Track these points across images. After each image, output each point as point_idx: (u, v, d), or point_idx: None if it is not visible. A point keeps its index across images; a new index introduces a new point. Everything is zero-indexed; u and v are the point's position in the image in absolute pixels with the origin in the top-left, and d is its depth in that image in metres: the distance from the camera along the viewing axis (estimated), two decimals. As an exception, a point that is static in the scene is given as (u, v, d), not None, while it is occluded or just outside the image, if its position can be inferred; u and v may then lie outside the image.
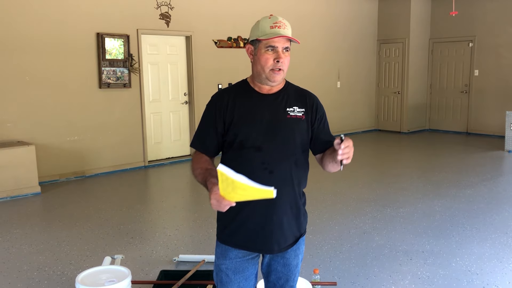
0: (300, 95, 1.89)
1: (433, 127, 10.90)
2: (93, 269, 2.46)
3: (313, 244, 3.94)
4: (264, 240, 1.83)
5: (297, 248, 1.94)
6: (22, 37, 5.87)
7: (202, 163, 1.81)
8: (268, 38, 1.74)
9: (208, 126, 1.85)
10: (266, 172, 1.78)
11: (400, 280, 3.27)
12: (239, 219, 1.82)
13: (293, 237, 1.90)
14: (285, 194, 1.81)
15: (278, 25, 1.76)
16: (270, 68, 1.77)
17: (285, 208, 1.84)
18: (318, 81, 9.47)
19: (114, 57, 6.62)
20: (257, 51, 1.79)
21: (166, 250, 3.89)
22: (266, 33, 1.76)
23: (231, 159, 1.81)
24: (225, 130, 1.82)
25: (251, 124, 1.79)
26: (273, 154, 1.79)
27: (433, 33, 10.61)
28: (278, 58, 1.75)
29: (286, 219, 1.85)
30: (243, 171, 1.75)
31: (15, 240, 4.15)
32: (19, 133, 5.94)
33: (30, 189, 5.62)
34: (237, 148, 1.79)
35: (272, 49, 1.76)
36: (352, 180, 6.23)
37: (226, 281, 1.88)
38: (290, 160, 1.82)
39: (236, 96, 1.85)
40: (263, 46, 1.77)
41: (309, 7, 9.20)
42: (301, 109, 1.85)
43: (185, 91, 7.67)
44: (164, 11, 7.13)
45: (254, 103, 1.83)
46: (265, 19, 1.80)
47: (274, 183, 1.76)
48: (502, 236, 4.10)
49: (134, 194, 5.79)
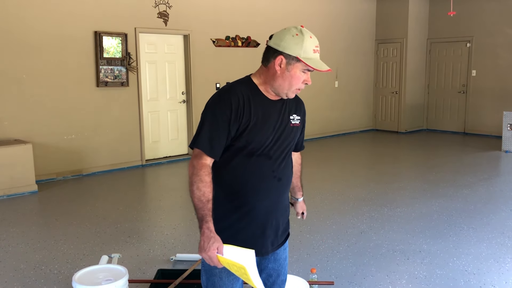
0: (296, 102, 1.88)
1: (430, 127, 10.92)
2: (90, 268, 2.45)
3: (311, 243, 3.94)
4: (261, 244, 1.83)
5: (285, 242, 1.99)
6: (19, 35, 5.85)
7: (206, 186, 1.63)
8: (314, 68, 1.66)
9: (221, 126, 1.66)
10: (275, 180, 1.79)
11: (397, 280, 3.28)
12: (239, 225, 1.79)
13: (284, 235, 1.94)
14: (285, 198, 1.88)
15: (318, 50, 1.71)
16: (297, 88, 1.73)
17: (282, 211, 1.88)
18: (315, 80, 9.44)
19: (112, 56, 6.60)
20: (291, 67, 1.68)
21: (163, 249, 3.88)
22: (310, 58, 1.68)
23: (240, 166, 1.74)
24: (237, 135, 1.69)
25: (266, 132, 1.73)
26: (280, 162, 1.80)
27: (431, 33, 10.63)
28: (308, 81, 1.73)
29: (282, 221, 1.89)
30: (254, 179, 1.76)
31: (12, 239, 4.14)
32: (16, 132, 5.92)
33: (27, 187, 5.60)
34: (247, 155, 1.72)
35: (306, 71, 1.72)
36: (350, 180, 6.23)
37: (219, 284, 1.83)
38: (291, 167, 1.88)
39: (250, 98, 1.71)
40: (301, 66, 1.69)
41: (307, 7, 9.19)
42: (298, 117, 1.86)
43: (183, 90, 7.66)
44: (162, 10, 7.12)
45: (265, 108, 1.74)
46: (307, 38, 1.68)
47: (281, 189, 1.84)
48: (499, 236, 4.11)
49: (131, 193, 5.78)
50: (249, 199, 1.76)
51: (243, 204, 1.77)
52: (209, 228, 1.57)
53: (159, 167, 7.16)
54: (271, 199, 1.80)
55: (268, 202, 1.80)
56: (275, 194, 1.81)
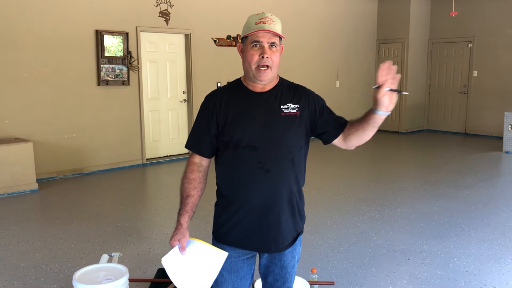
0: (293, 91, 1.86)
1: (431, 127, 10.91)
2: (91, 267, 2.45)
3: (311, 243, 3.94)
4: (261, 239, 1.82)
5: (294, 250, 1.93)
6: (20, 34, 5.85)
7: (188, 183, 1.82)
8: (252, 33, 1.73)
9: (202, 127, 1.83)
10: (262, 172, 1.76)
11: (397, 280, 3.27)
12: (236, 218, 1.81)
13: (291, 236, 1.88)
14: (283, 193, 1.80)
15: (264, 21, 1.74)
16: (256, 65, 1.74)
17: (282, 207, 1.81)
18: (317, 80, 9.46)
19: (113, 55, 6.60)
20: (245, 48, 1.78)
21: (164, 248, 3.88)
22: (251, 29, 1.75)
23: (228, 159, 1.80)
24: (219, 131, 1.80)
25: (246, 124, 1.77)
26: (269, 153, 1.76)
27: (432, 34, 10.62)
28: (263, 54, 1.72)
29: (284, 218, 1.82)
30: (239, 171, 1.78)
31: (12, 237, 4.14)
32: (17, 130, 5.92)
33: (28, 186, 5.60)
34: (233, 148, 1.77)
35: (257, 44, 1.74)
36: (350, 180, 6.23)
37: (220, 281, 1.87)
38: (287, 159, 1.79)
39: (230, 95, 1.82)
40: (249, 42, 1.76)
41: (308, 7, 9.19)
42: (295, 105, 1.81)
43: (184, 89, 7.66)
44: (164, 9, 7.11)
45: (248, 102, 1.80)
46: (252, 15, 1.80)
47: (270, 181, 1.77)
48: (500, 236, 4.11)
49: (131, 192, 5.78)
50: (241, 191, 1.79)
51: (236, 197, 1.81)
52: (179, 221, 1.78)
53: (159, 166, 7.16)
54: (262, 192, 1.77)
55: (260, 194, 1.77)
56: (265, 186, 1.77)
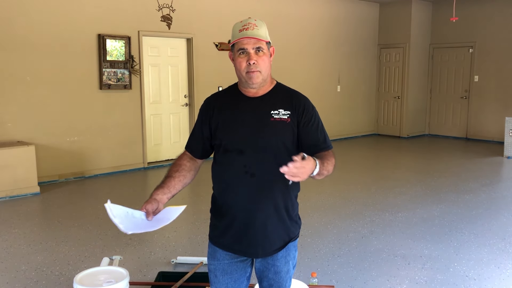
0: (288, 97, 1.83)
1: (432, 132, 10.91)
2: (91, 270, 2.46)
3: (311, 247, 3.95)
4: (247, 243, 1.82)
5: (287, 255, 1.89)
6: (23, 37, 5.89)
7: (173, 165, 1.94)
8: (237, 40, 1.76)
9: (197, 129, 1.93)
10: (248, 176, 1.77)
11: (397, 285, 3.28)
12: (226, 222, 1.85)
13: (280, 241, 1.86)
14: (268, 197, 1.79)
15: (246, 27, 1.75)
16: (245, 71, 1.76)
17: (268, 212, 1.80)
18: (318, 85, 9.49)
19: (115, 59, 6.63)
20: (234, 56, 1.80)
21: (165, 251, 3.89)
22: (235, 37, 1.77)
23: (219, 162, 1.86)
24: (211, 135, 1.87)
25: (234, 128, 1.80)
26: (255, 157, 1.77)
27: (433, 39, 10.64)
28: (250, 60, 1.74)
29: (270, 223, 1.81)
30: (225, 174, 1.83)
31: (14, 240, 4.15)
32: (19, 133, 5.95)
33: (29, 189, 5.62)
34: (223, 151, 1.82)
35: (243, 51, 1.76)
36: (351, 184, 6.23)
37: (214, 282, 1.90)
38: (274, 164, 1.69)
39: (224, 100, 1.88)
40: (236, 50, 1.78)
41: (310, 12, 9.22)
42: (286, 112, 1.79)
43: (185, 93, 7.68)
44: (166, 13, 7.15)
45: (240, 106, 1.83)
46: (237, 23, 1.81)
47: (255, 186, 1.78)
48: (500, 241, 4.11)
49: (133, 195, 5.79)
50: (228, 195, 1.83)
51: (225, 200, 1.84)
52: (151, 195, 1.95)
53: (161, 169, 7.17)
54: (245, 196, 1.78)
55: (244, 198, 1.78)
56: (250, 191, 1.77)
